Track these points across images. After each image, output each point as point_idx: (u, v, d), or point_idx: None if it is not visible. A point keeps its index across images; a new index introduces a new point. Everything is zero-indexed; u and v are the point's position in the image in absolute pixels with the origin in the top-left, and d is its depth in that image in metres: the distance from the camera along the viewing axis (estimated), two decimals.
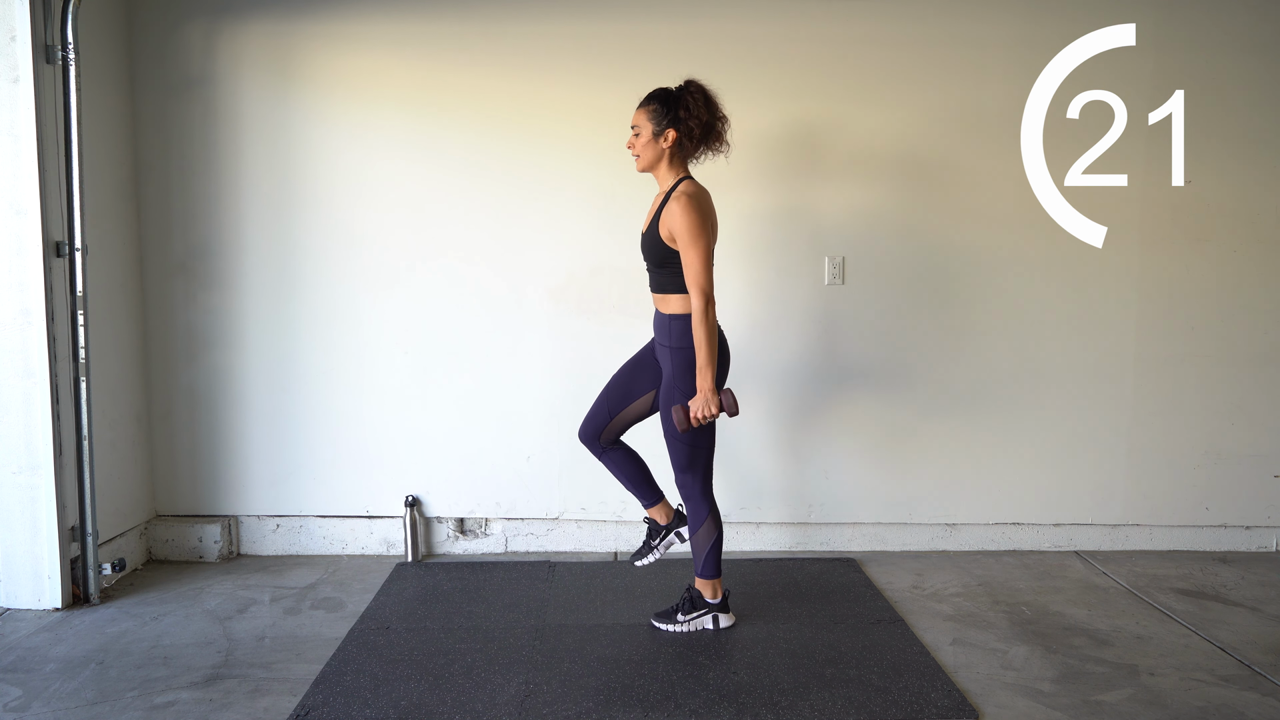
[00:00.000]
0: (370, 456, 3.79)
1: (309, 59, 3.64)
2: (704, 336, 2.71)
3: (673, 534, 3.14)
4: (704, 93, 2.81)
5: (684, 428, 2.76)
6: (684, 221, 2.71)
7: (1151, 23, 3.66)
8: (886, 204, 3.73)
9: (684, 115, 2.79)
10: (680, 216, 2.72)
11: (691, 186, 2.80)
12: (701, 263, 2.71)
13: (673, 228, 2.74)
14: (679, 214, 2.72)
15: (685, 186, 2.80)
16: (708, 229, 2.76)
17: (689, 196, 2.75)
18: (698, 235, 2.71)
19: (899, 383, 3.81)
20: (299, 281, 3.72)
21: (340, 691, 2.59)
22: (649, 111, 2.83)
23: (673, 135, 2.80)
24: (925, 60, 3.68)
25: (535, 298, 3.75)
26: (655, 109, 2.82)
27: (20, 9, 3.01)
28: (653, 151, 2.84)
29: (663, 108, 2.81)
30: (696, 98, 2.80)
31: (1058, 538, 3.90)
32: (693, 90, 2.81)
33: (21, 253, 3.09)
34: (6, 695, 2.58)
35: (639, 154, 2.86)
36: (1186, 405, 3.84)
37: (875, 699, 2.56)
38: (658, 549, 3.15)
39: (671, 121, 2.80)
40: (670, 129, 2.80)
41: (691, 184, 2.82)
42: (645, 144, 2.84)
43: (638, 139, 2.85)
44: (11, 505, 3.16)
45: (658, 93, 2.85)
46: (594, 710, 2.49)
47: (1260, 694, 2.62)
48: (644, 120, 2.84)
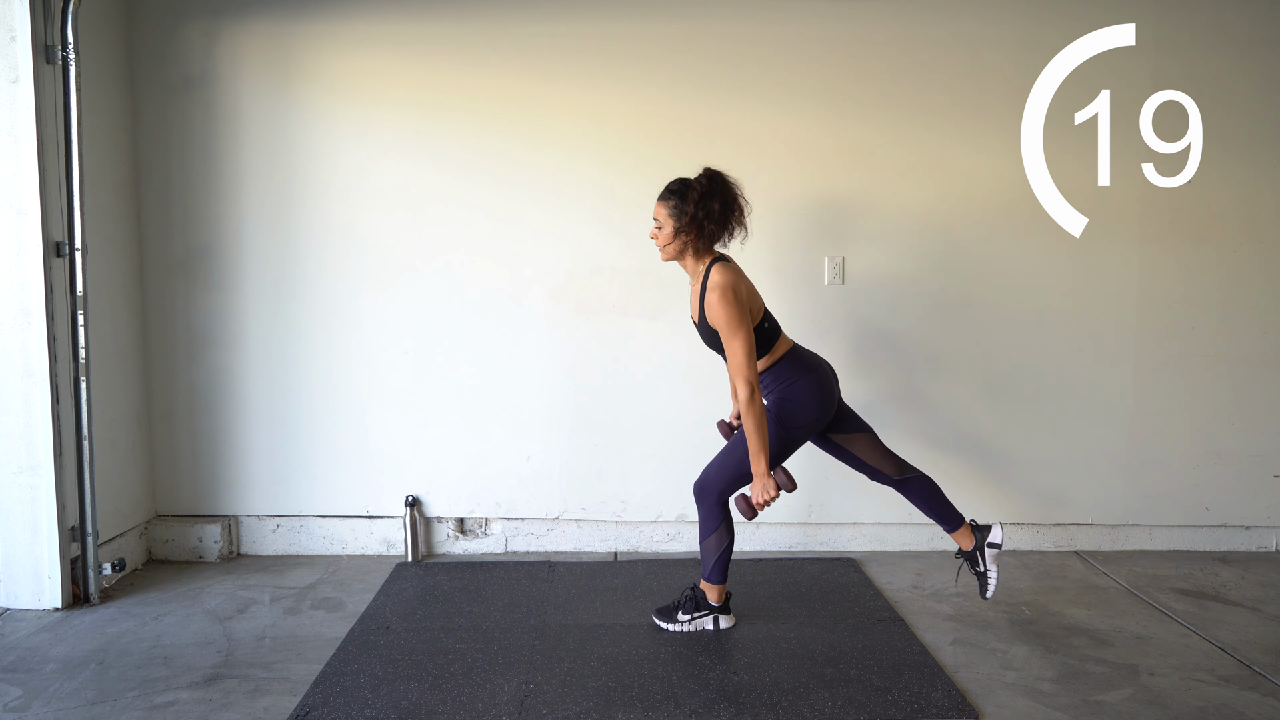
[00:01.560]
0: (370, 456, 3.79)
1: (309, 59, 3.64)
2: (753, 424, 2.72)
3: (985, 547, 3.06)
4: (722, 182, 2.79)
5: (750, 516, 2.82)
6: (722, 314, 2.73)
7: (1151, 23, 3.66)
8: (886, 204, 3.73)
9: (701, 208, 2.76)
10: (718, 309, 2.73)
11: (721, 274, 2.77)
12: (744, 353, 2.72)
13: (713, 319, 2.77)
14: (716, 305, 2.74)
15: (716, 275, 2.77)
16: (746, 315, 2.76)
17: (723, 287, 2.74)
18: (737, 326, 2.72)
19: (898, 383, 3.81)
20: (299, 281, 3.72)
21: (340, 691, 2.59)
22: (669, 206, 2.81)
23: (693, 231, 2.79)
24: (925, 60, 3.68)
25: (535, 297, 3.75)
26: (675, 203, 2.80)
27: (20, 9, 3.01)
28: (677, 244, 2.84)
29: (680, 202, 2.79)
30: (714, 188, 2.77)
31: (1058, 538, 3.90)
32: (718, 183, 2.78)
33: (21, 253, 3.09)
34: (6, 695, 2.58)
35: (663, 246, 2.86)
36: (1186, 405, 3.84)
37: (875, 699, 2.56)
38: (989, 568, 3.05)
39: (692, 215, 2.78)
40: (691, 222, 2.78)
41: (721, 270, 2.79)
42: (668, 237, 2.83)
43: (660, 232, 2.84)
44: (11, 505, 3.16)
45: (676, 186, 2.83)
46: (594, 710, 2.49)
47: (1260, 694, 2.62)
48: (664, 214, 2.82)
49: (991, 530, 3.08)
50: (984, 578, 3.07)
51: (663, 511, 3.84)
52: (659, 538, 3.87)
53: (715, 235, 2.82)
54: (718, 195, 2.77)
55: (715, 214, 2.77)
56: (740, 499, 2.83)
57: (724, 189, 2.79)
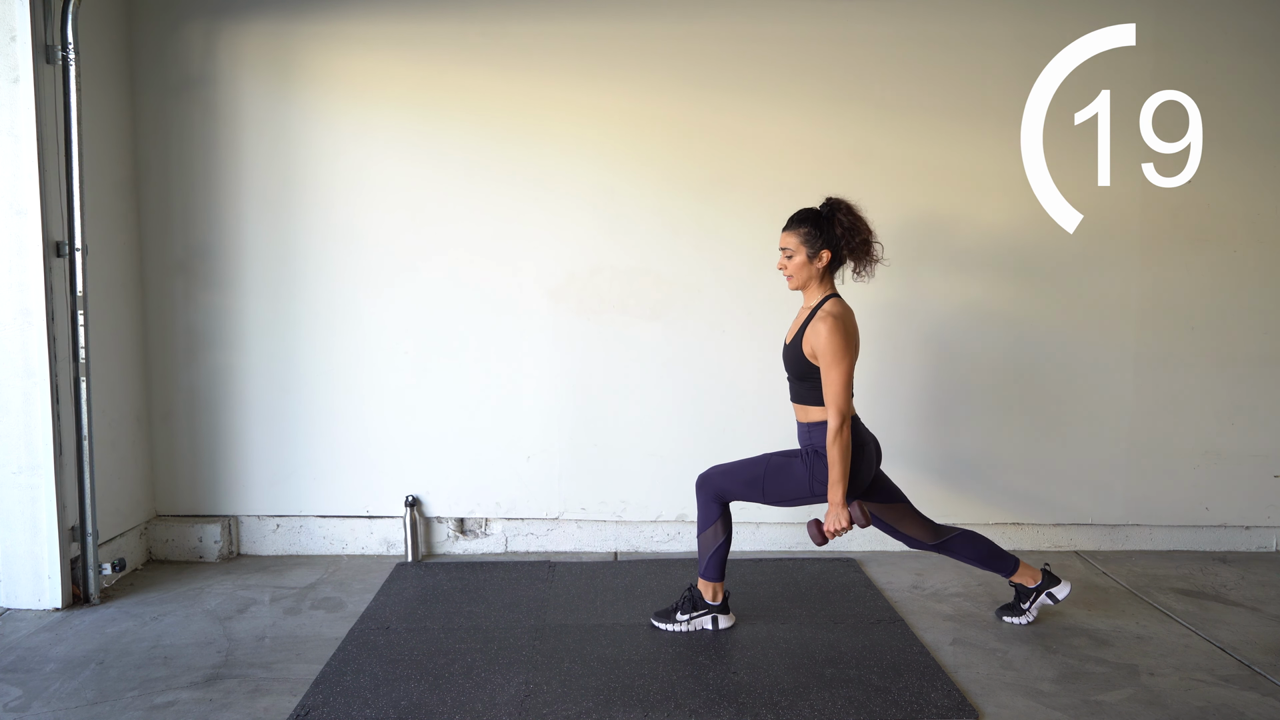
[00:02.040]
0: (370, 456, 3.79)
1: (309, 59, 3.64)
2: (838, 455, 2.74)
3: (1043, 595, 3.07)
4: (853, 212, 2.83)
5: (821, 543, 2.81)
6: (830, 343, 2.74)
7: (1151, 23, 3.66)
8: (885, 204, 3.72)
9: (841, 235, 2.81)
10: (826, 337, 2.74)
11: (838, 306, 2.82)
12: (842, 384, 2.74)
13: (817, 346, 2.77)
14: (825, 334, 2.75)
15: (832, 306, 2.82)
16: (851, 350, 2.78)
17: (835, 317, 2.77)
18: (841, 357, 2.74)
19: (898, 383, 3.81)
20: (299, 281, 3.72)
21: (340, 691, 2.59)
22: (801, 234, 2.85)
23: (828, 255, 2.83)
24: (924, 60, 3.68)
25: (535, 297, 3.75)
26: (808, 231, 2.84)
27: (20, 9, 3.01)
28: (807, 272, 2.87)
29: (815, 230, 2.83)
30: (850, 218, 2.82)
31: (1058, 538, 3.90)
32: (844, 210, 2.83)
33: (21, 253, 3.09)
34: (6, 695, 2.58)
35: (792, 274, 2.89)
36: (1186, 405, 3.84)
37: (875, 699, 2.56)
38: (1032, 611, 3.09)
39: (826, 242, 2.82)
40: (825, 249, 2.83)
41: (838, 303, 2.84)
42: (800, 265, 2.86)
43: (790, 260, 2.87)
44: (11, 505, 3.16)
45: (807, 215, 2.86)
46: (594, 710, 2.49)
47: (1260, 694, 2.62)
48: (796, 243, 2.86)
49: (1061, 585, 3.07)
50: (1021, 614, 3.10)
51: (663, 511, 3.84)
52: (659, 538, 3.87)
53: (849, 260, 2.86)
54: (858, 224, 2.82)
55: (854, 242, 2.82)
56: (813, 523, 2.81)
57: (859, 218, 2.84)
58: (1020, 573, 3.07)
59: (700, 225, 3.72)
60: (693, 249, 3.73)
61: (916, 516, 3.02)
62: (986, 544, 3.04)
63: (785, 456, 2.94)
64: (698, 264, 3.74)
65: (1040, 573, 3.09)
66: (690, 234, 3.72)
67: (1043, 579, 3.08)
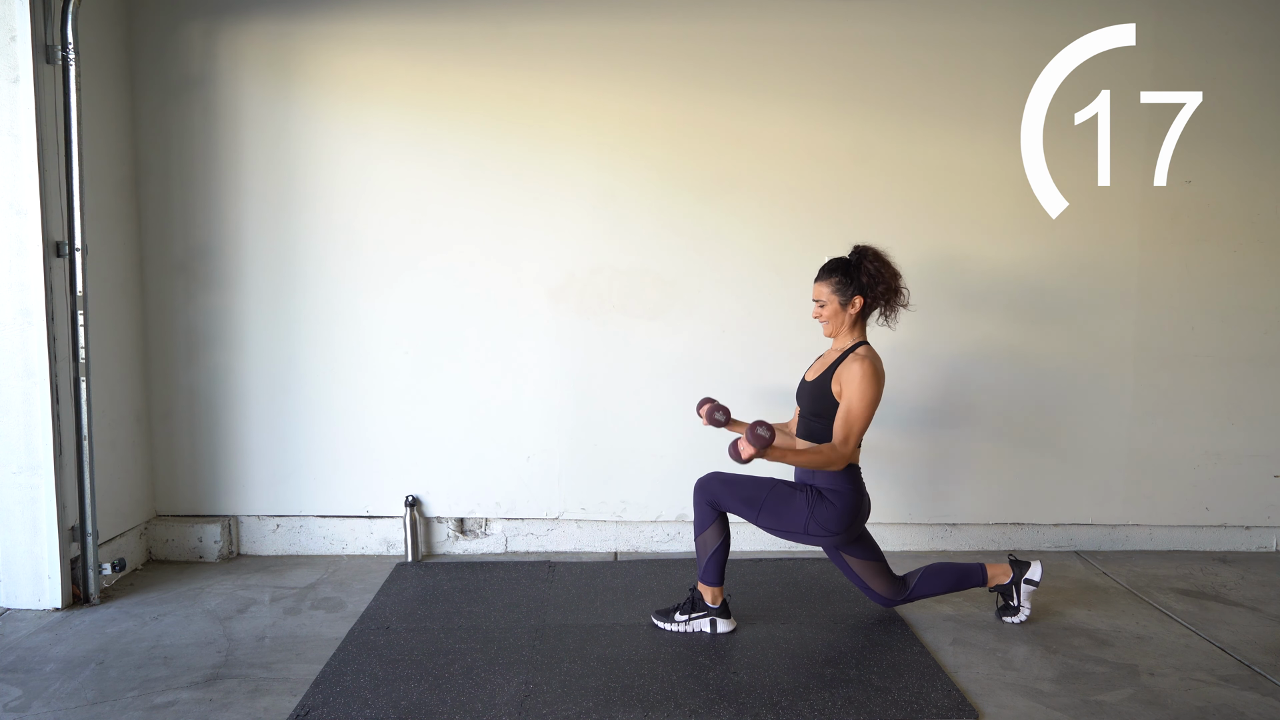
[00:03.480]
0: (370, 456, 3.79)
1: (309, 59, 3.64)
2: (817, 464, 2.80)
3: (1022, 584, 3.10)
4: (881, 258, 2.90)
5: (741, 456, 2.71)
6: (859, 387, 2.83)
7: (1151, 23, 3.66)
8: (885, 204, 3.73)
9: (868, 282, 2.88)
10: (860, 379, 2.83)
11: (872, 353, 2.93)
12: (862, 423, 2.82)
13: (847, 383, 2.84)
14: (859, 374, 2.83)
15: (867, 351, 2.92)
16: (878, 396, 2.86)
17: (871, 362, 2.87)
18: (868, 402, 2.83)
19: (898, 383, 3.80)
20: (299, 281, 3.72)
21: (340, 691, 2.59)
22: (833, 284, 2.92)
23: (860, 302, 2.90)
24: (925, 60, 3.68)
25: (535, 298, 3.75)
26: (839, 281, 2.92)
27: (20, 9, 3.01)
28: (840, 319, 2.95)
29: (846, 278, 2.91)
30: (877, 265, 2.88)
31: (1058, 538, 3.90)
32: (871, 258, 2.89)
33: (21, 253, 3.09)
34: (6, 695, 2.58)
35: (827, 322, 2.96)
36: (1186, 405, 3.84)
37: (875, 699, 2.56)
38: (1023, 604, 3.11)
39: (858, 289, 2.90)
40: (857, 296, 2.90)
41: (872, 350, 2.94)
42: (833, 314, 2.94)
43: (823, 309, 2.95)
44: (11, 505, 3.16)
45: (837, 264, 2.94)
46: (594, 710, 2.49)
47: (1260, 694, 2.62)
48: (828, 293, 2.94)
49: (1031, 567, 3.11)
50: (1014, 611, 3.12)
51: (663, 511, 3.84)
52: (659, 538, 3.87)
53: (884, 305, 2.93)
54: (885, 270, 2.89)
55: (884, 288, 2.89)
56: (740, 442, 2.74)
57: (887, 264, 2.90)
58: (992, 575, 3.11)
59: (700, 225, 3.72)
60: (693, 249, 3.73)
61: (889, 575, 3.08)
62: (951, 570, 3.11)
63: (791, 488, 2.97)
64: (698, 264, 3.74)
65: (1008, 566, 3.13)
66: (690, 234, 3.72)
67: (1013, 570, 3.12)
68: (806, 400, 2.99)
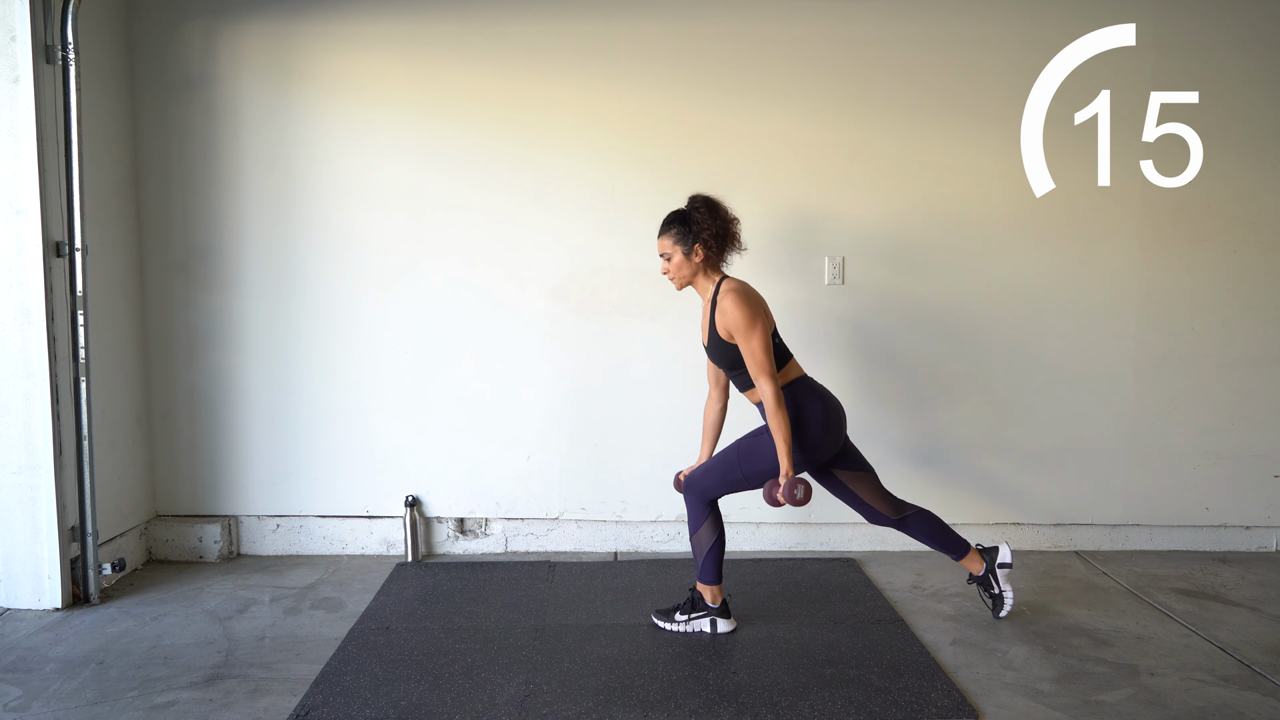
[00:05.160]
0: (370, 456, 3.79)
1: (309, 59, 3.64)
2: (779, 423, 2.77)
3: (996, 570, 3.10)
4: (709, 202, 2.92)
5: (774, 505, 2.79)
6: (736, 315, 2.81)
7: (1151, 23, 3.66)
8: (886, 205, 3.73)
9: (707, 229, 2.89)
10: (731, 311, 2.82)
11: (733, 283, 2.91)
12: (763, 350, 2.80)
13: (728, 324, 2.84)
14: (730, 309, 2.82)
15: (728, 284, 2.91)
16: (760, 316, 2.84)
17: (735, 292, 2.86)
18: (752, 325, 2.80)
19: (899, 382, 3.81)
20: (299, 281, 3.72)
21: (340, 691, 2.59)
22: (674, 235, 2.94)
23: (701, 250, 2.91)
24: (925, 60, 3.68)
25: (535, 298, 3.75)
26: (679, 231, 2.93)
27: (20, 9, 3.01)
28: (688, 269, 2.95)
29: (685, 228, 2.92)
30: (706, 211, 2.90)
31: (1058, 538, 3.90)
32: (706, 206, 2.91)
33: (21, 253, 3.09)
34: (6, 695, 2.58)
35: (675, 276, 2.97)
36: (1186, 405, 3.84)
37: (875, 699, 2.56)
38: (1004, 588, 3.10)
39: (696, 236, 2.90)
40: (697, 244, 2.90)
41: (732, 280, 2.93)
42: (679, 264, 2.94)
43: (670, 263, 2.95)
44: (11, 505, 3.16)
45: (674, 216, 2.95)
46: (594, 710, 2.49)
47: (1260, 694, 2.62)
48: (670, 245, 2.94)
49: (999, 551, 3.11)
50: (999, 599, 3.12)
51: (663, 511, 3.84)
52: (659, 538, 3.87)
53: (722, 250, 2.94)
54: (716, 213, 2.91)
55: (721, 230, 2.91)
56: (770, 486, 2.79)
57: (718, 208, 2.93)
58: (969, 558, 3.12)
59: None
60: None
61: (881, 490, 3.07)
62: (941, 525, 3.10)
63: (752, 436, 2.97)
64: None
65: (978, 555, 3.13)
66: None
67: (984, 559, 3.13)
68: (717, 359, 2.98)
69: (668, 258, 2.95)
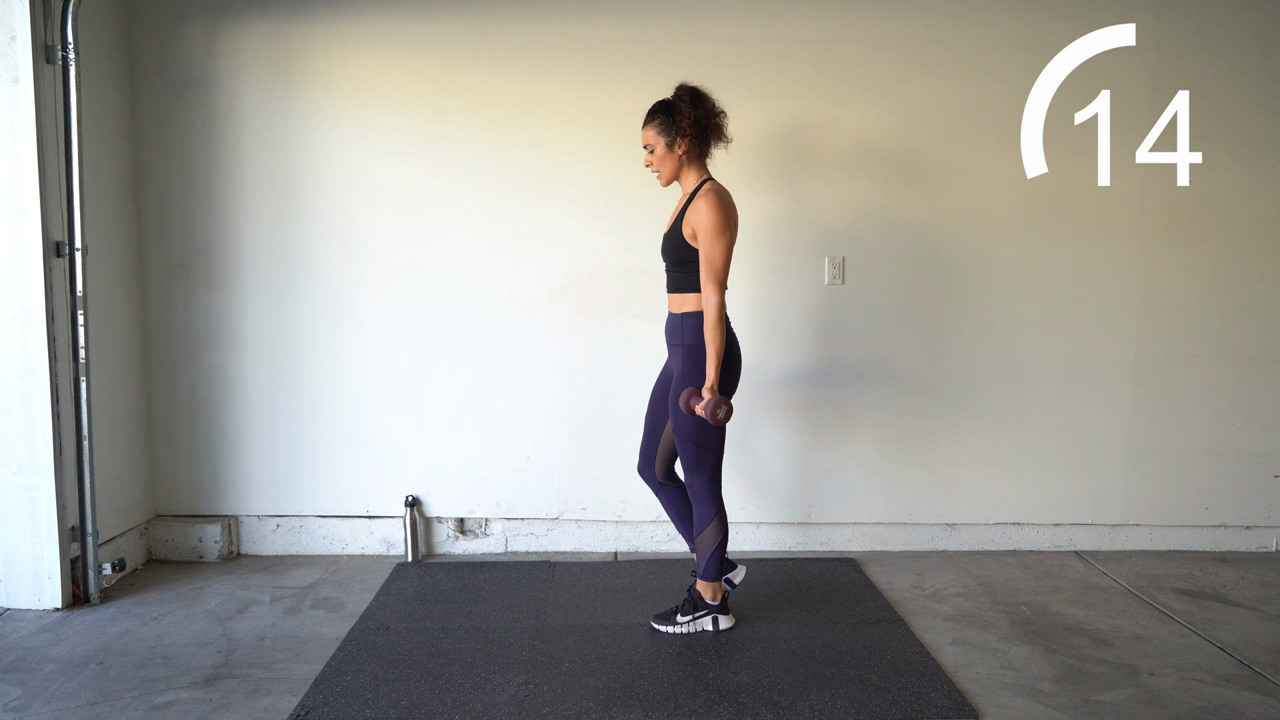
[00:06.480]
0: (370, 456, 3.79)
1: (309, 59, 3.64)
2: (715, 335, 2.75)
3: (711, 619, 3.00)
4: (694, 92, 2.86)
5: (689, 412, 2.79)
6: (709, 218, 2.76)
7: (1151, 23, 3.66)
8: (886, 205, 3.73)
9: (692, 119, 2.83)
10: (706, 212, 2.77)
11: (716, 186, 2.86)
12: (722, 258, 2.77)
13: (697, 224, 2.79)
14: (705, 210, 2.77)
15: (711, 185, 2.85)
16: (731, 227, 2.81)
17: (715, 194, 2.80)
18: (722, 231, 2.76)
19: (899, 382, 3.81)
20: (299, 281, 3.72)
21: (340, 691, 2.59)
22: (657, 126, 2.88)
23: (686, 142, 2.86)
24: (925, 60, 3.68)
25: (535, 298, 3.75)
26: (662, 121, 2.87)
27: (20, 9, 3.01)
28: (672, 162, 2.90)
29: (668, 118, 2.86)
30: (689, 101, 2.84)
31: (1058, 538, 3.90)
32: (691, 96, 2.85)
33: (21, 253, 3.09)
34: (6, 695, 2.58)
35: (658, 169, 2.92)
36: (1186, 405, 3.84)
37: (875, 699, 2.56)
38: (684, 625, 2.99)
39: (679, 130, 2.85)
40: (679, 136, 2.85)
41: (716, 184, 2.87)
42: (662, 157, 2.90)
43: (654, 155, 2.91)
44: (11, 505, 3.17)
45: (658, 106, 2.90)
46: (594, 710, 2.49)
47: (1260, 694, 2.62)
48: (654, 136, 2.89)
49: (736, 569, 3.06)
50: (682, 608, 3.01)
51: (663, 511, 3.83)
52: (659, 538, 3.87)
53: (705, 143, 2.88)
54: (701, 103, 2.85)
55: (704, 120, 2.84)
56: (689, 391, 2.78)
57: (704, 98, 2.86)
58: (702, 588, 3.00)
59: None
60: None
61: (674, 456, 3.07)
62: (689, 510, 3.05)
63: (662, 383, 3.01)
64: None
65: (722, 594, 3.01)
66: None
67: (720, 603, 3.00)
68: (668, 251, 2.92)
69: (650, 149, 2.90)
